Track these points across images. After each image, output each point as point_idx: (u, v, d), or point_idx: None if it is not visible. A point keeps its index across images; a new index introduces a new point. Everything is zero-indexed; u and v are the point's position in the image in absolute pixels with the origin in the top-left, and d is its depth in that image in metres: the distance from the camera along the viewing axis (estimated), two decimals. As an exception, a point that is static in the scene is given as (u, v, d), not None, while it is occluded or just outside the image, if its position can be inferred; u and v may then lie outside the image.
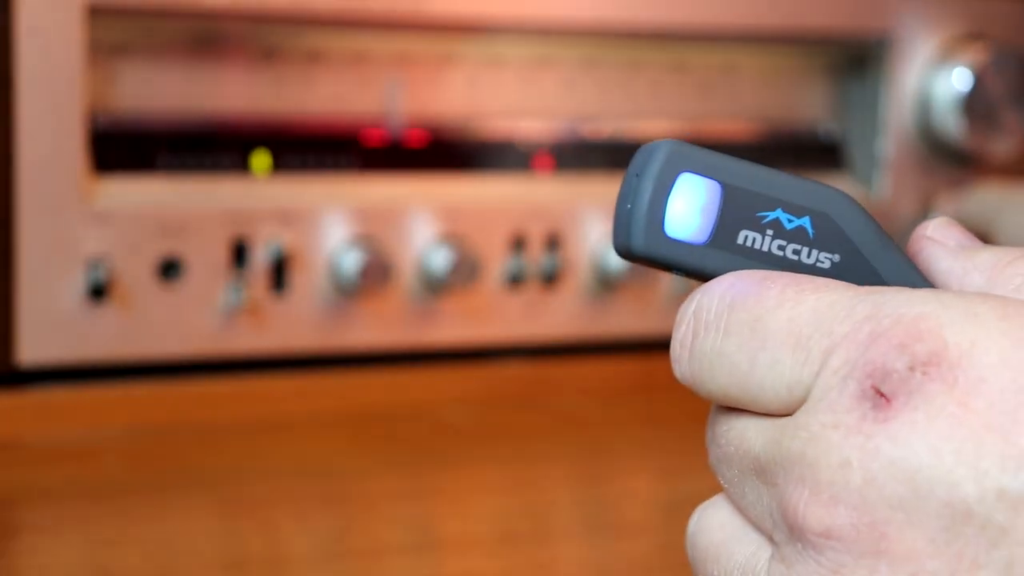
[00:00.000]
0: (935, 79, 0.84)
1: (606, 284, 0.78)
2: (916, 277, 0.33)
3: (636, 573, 0.55)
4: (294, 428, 0.71)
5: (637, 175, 0.32)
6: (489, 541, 0.59)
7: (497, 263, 0.76)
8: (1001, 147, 0.85)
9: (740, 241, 0.32)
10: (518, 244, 0.76)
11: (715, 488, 0.33)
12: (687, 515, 0.34)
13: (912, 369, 0.28)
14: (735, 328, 0.31)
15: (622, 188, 0.33)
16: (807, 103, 0.86)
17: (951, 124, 0.83)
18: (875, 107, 0.85)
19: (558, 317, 0.77)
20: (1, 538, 0.56)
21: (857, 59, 0.85)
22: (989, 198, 0.84)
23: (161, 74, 0.70)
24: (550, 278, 0.77)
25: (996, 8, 0.86)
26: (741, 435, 0.31)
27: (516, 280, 0.76)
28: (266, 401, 0.72)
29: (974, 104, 0.83)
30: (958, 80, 0.83)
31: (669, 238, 0.32)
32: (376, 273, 0.71)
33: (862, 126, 0.85)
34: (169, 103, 0.70)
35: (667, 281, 0.79)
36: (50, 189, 0.66)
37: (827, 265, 0.32)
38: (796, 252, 0.32)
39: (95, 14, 0.66)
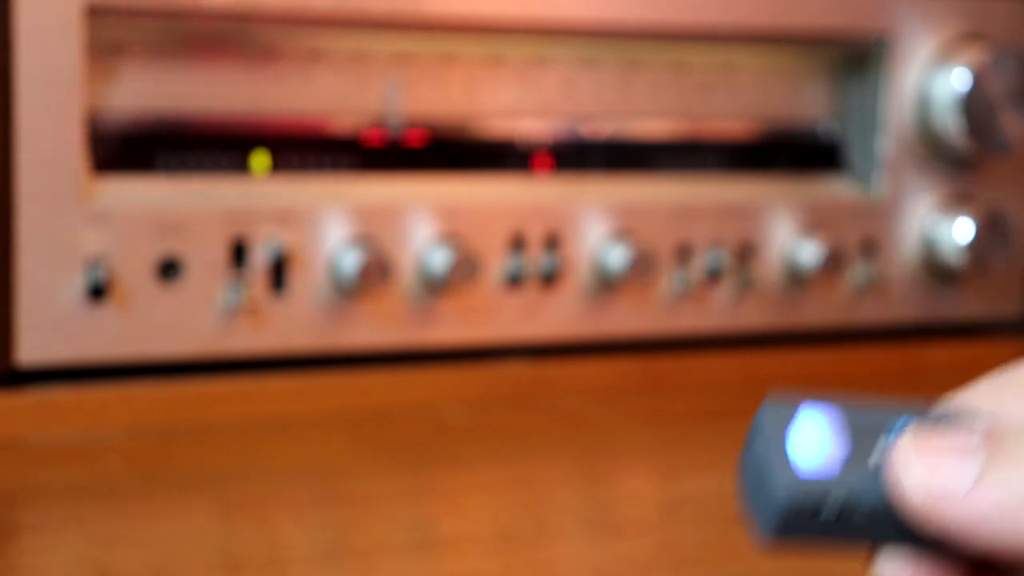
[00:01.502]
0: (934, 79, 0.84)
1: (606, 284, 0.77)
2: None
3: (636, 573, 0.55)
4: (294, 428, 0.71)
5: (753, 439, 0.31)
6: (489, 541, 0.59)
7: (496, 263, 0.76)
8: (1001, 147, 0.85)
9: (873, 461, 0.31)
10: (517, 244, 0.76)
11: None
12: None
13: None
14: None
15: (743, 463, 0.31)
16: (807, 103, 0.86)
17: (950, 124, 0.83)
18: (874, 107, 0.85)
19: (557, 317, 0.77)
20: (1, 538, 0.56)
21: (857, 59, 0.85)
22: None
23: (161, 74, 0.70)
24: (549, 278, 0.77)
25: (996, 8, 0.86)
26: None
27: (515, 280, 0.76)
28: (266, 401, 0.72)
29: (973, 104, 0.83)
30: (957, 80, 0.83)
31: (805, 478, 0.30)
32: (375, 273, 0.71)
33: (861, 126, 0.85)
34: (168, 103, 0.70)
35: (667, 281, 0.79)
36: (49, 189, 0.66)
37: None
38: None
39: (95, 14, 0.66)
